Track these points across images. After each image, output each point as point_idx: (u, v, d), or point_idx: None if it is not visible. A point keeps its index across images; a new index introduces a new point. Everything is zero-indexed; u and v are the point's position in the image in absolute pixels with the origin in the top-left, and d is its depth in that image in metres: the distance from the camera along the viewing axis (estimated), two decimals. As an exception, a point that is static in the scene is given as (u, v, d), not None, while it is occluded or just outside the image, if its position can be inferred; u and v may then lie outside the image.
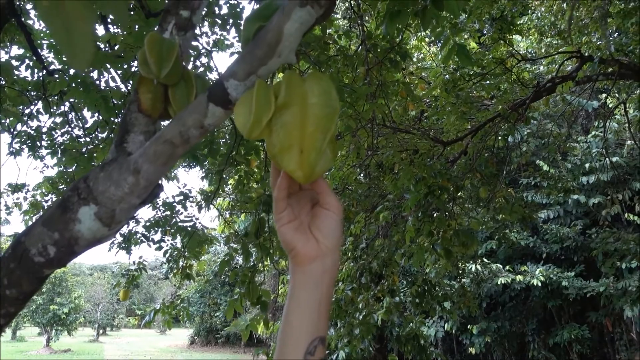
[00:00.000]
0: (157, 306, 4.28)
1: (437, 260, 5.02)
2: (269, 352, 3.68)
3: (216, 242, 5.56)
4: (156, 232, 5.29)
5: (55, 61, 3.51)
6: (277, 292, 5.36)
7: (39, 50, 3.31)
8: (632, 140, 8.68)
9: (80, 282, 36.20)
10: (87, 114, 4.22)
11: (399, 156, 4.49)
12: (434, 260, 5.07)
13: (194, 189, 5.33)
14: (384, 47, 3.40)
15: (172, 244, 5.28)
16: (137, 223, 5.31)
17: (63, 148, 4.26)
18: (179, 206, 5.00)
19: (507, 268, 10.34)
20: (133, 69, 2.97)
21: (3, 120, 3.87)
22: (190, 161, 4.49)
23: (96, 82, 2.98)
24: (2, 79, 3.22)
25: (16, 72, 3.45)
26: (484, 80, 5.10)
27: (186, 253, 4.86)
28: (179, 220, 4.96)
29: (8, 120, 3.91)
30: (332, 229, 0.68)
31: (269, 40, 0.60)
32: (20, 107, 3.78)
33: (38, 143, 4.40)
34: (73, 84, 2.74)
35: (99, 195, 0.69)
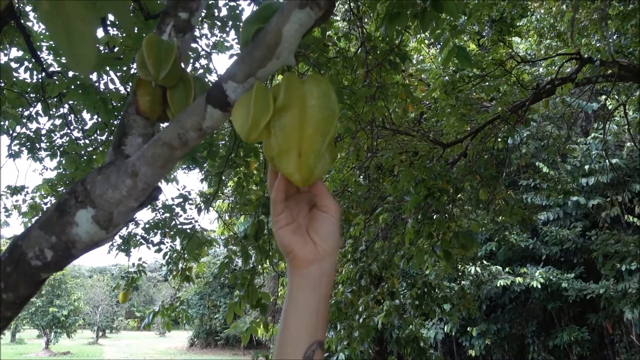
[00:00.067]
0: (156, 308, 4.27)
1: (437, 262, 5.01)
2: (269, 355, 3.67)
3: (215, 244, 5.55)
4: (155, 234, 5.28)
5: (55, 63, 3.51)
6: (277, 295, 5.35)
7: (38, 52, 3.31)
8: (632, 142, 8.68)
9: (80, 285, 36.18)
10: (87, 116, 4.22)
11: (398, 158, 4.49)
12: (434, 262, 5.07)
13: (193, 191, 5.32)
14: (383, 49, 3.39)
15: (172, 246, 5.27)
16: (137, 225, 5.30)
17: (62, 150, 4.26)
18: (178, 208, 4.99)
19: (507, 270, 10.32)
20: (132, 71, 2.97)
21: (2, 123, 3.87)
22: (189, 163, 4.48)
23: (95, 85, 2.97)
24: (2, 81, 3.22)
25: (15, 74, 3.45)
26: (483, 82, 5.10)
27: (186, 255, 4.85)
28: (178, 222, 4.95)
29: (7, 123, 3.91)
30: (330, 231, 0.68)
31: (268, 42, 0.60)
32: (20, 109, 3.78)
33: (37, 145, 4.39)
34: (72, 86, 2.74)
35: (97, 199, 0.68)
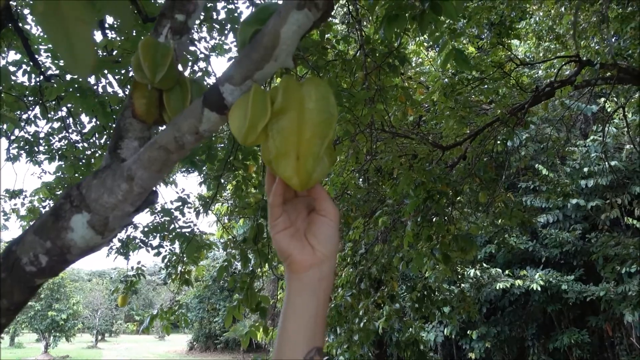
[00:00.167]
0: (155, 312, 4.25)
1: (436, 265, 5.00)
2: (268, 359, 3.65)
3: (215, 248, 5.54)
4: (155, 238, 5.27)
5: (52, 66, 3.50)
6: (276, 298, 5.33)
7: (36, 55, 3.30)
8: (631, 144, 8.68)
9: (79, 288, 36.14)
10: (85, 119, 4.21)
11: (398, 161, 4.48)
12: (433, 265, 5.06)
13: (192, 194, 5.32)
14: (382, 52, 3.39)
15: (171, 250, 5.26)
16: (136, 228, 5.29)
17: (61, 153, 4.25)
18: (177, 212, 4.98)
19: (507, 272, 10.31)
20: (130, 74, 2.96)
21: (1, 126, 3.86)
22: (188, 167, 4.48)
23: (93, 88, 2.96)
24: (0, 84, 3.21)
25: (13, 78, 3.44)
26: (482, 84, 5.10)
27: (185, 258, 4.84)
28: (177, 226, 4.94)
29: (5, 126, 3.90)
30: (329, 235, 0.67)
31: (265, 44, 0.59)
32: (18, 113, 3.77)
33: (36, 148, 4.39)
34: (70, 89, 2.73)
35: (92, 203, 0.67)
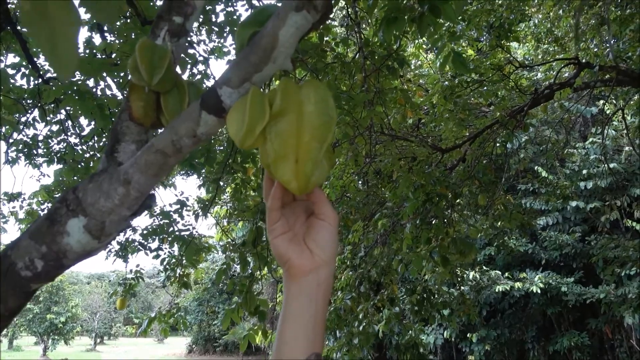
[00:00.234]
0: (154, 315, 4.24)
1: (435, 267, 4.99)
2: (267, 362, 3.64)
3: (214, 250, 5.53)
4: (153, 241, 5.26)
5: (51, 69, 3.50)
6: (275, 301, 5.32)
7: (35, 58, 3.30)
8: (630, 147, 8.68)
9: (78, 291, 36.09)
10: (84, 122, 4.20)
11: (397, 164, 4.48)
12: (432, 267, 5.04)
13: (191, 197, 5.31)
14: (381, 54, 3.39)
15: (170, 252, 5.25)
16: (134, 231, 5.28)
17: (59, 156, 4.24)
18: (175, 215, 4.97)
19: (506, 275, 10.30)
20: (129, 77, 2.95)
21: (-1, 129, 3.85)
22: (187, 169, 4.47)
23: (92, 90, 2.96)
24: (-2, 87, 3.20)
25: (12, 81, 3.44)
26: (481, 87, 5.10)
27: (184, 261, 4.83)
28: (176, 228, 4.93)
29: (4, 129, 3.89)
30: (328, 240, 0.66)
31: (263, 46, 0.58)
32: (16, 116, 3.76)
33: (34, 151, 4.38)
34: (69, 91, 2.72)
35: (88, 207, 0.67)
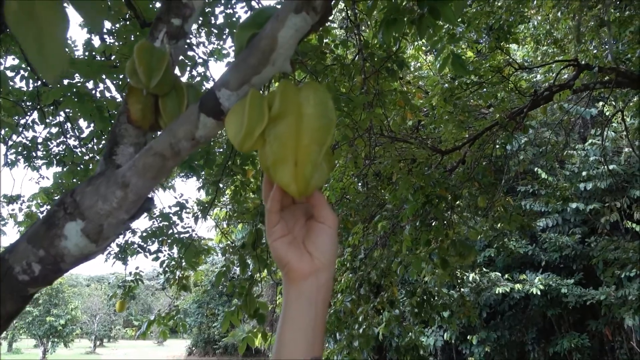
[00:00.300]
0: (153, 317, 4.23)
1: (435, 269, 4.98)
2: (267, 364, 3.63)
3: (213, 253, 5.52)
4: (153, 243, 5.25)
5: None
6: (275, 303, 5.31)
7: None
8: (630, 148, 8.68)
9: (77, 293, 36.05)
10: (83, 124, 4.20)
11: (397, 166, 4.47)
12: (431, 269, 5.04)
13: (190, 199, 5.30)
14: (380, 56, 3.39)
15: (169, 254, 5.24)
16: (134, 233, 5.27)
17: (59, 159, 4.23)
18: (175, 217, 4.97)
19: (506, 277, 10.30)
20: (129, 79, 2.95)
21: (-2, 131, 3.84)
22: (187, 171, 4.46)
23: (91, 92, 2.95)
24: (-3, 89, 3.20)
25: (11, 83, 3.43)
26: (481, 88, 5.10)
27: (183, 263, 4.82)
28: (175, 231, 4.93)
29: (3, 131, 3.88)
30: (327, 243, 0.66)
31: (262, 48, 0.58)
32: (16, 118, 3.76)
33: (34, 153, 4.37)
34: (68, 93, 2.72)
35: (86, 210, 0.66)
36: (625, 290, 9.04)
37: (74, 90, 2.70)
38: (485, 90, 5.14)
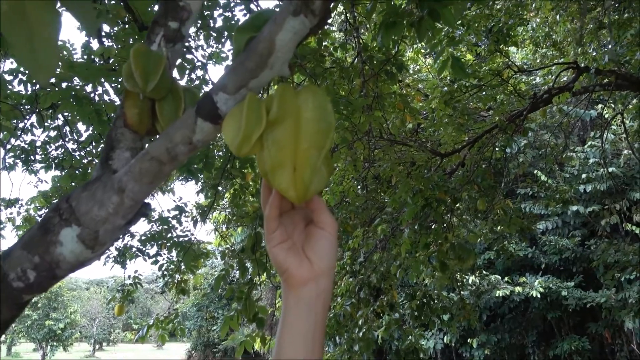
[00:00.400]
0: (151, 321, 4.22)
1: (434, 272, 4.96)
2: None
3: (212, 256, 5.51)
4: (152, 246, 5.24)
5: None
6: (275, 307, 5.30)
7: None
8: (630, 151, 8.69)
9: (77, 297, 35.97)
10: (82, 128, 4.19)
11: (396, 169, 4.47)
12: (431, 272, 5.02)
13: (189, 203, 5.29)
14: (380, 59, 3.38)
15: (169, 258, 5.23)
16: (132, 237, 5.26)
17: (57, 162, 4.22)
18: (174, 221, 4.95)
19: (506, 279, 10.28)
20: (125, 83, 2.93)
21: (-3, 135, 3.83)
22: (185, 175, 4.46)
23: (90, 96, 2.95)
24: (-4, 93, 3.19)
25: (9, 86, 3.42)
26: (480, 91, 5.09)
27: (183, 267, 4.81)
28: (174, 234, 4.92)
29: (1, 135, 3.88)
30: (327, 249, 0.65)
31: (260, 52, 0.57)
32: (14, 121, 3.75)
33: (32, 157, 4.36)
34: (67, 96, 2.71)
35: (82, 216, 0.65)
36: (626, 293, 9.02)
37: (72, 93, 2.69)
38: (484, 93, 5.13)
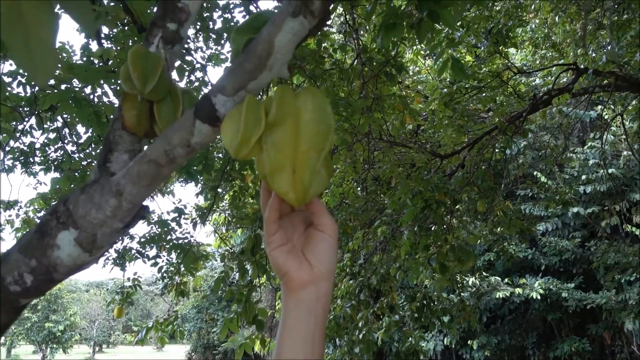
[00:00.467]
0: (151, 323, 4.21)
1: (434, 274, 4.96)
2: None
3: (212, 258, 5.50)
4: (151, 248, 5.23)
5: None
6: (275, 309, 5.29)
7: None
8: (630, 152, 8.68)
9: (76, 299, 35.94)
10: (81, 130, 4.19)
11: (396, 170, 4.46)
12: (430, 274, 5.02)
13: (189, 204, 5.29)
14: (379, 61, 3.38)
15: (168, 260, 5.22)
16: (132, 239, 5.25)
17: (56, 164, 4.22)
18: (173, 223, 4.95)
19: (506, 281, 10.27)
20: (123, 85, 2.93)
21: (-4, 137, 3.83)
22: (185, 177, 4.45)
23: (89, 97, 2.94)
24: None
25: (8, 88, 3.42)
26: (480, 93, 5.09)
27: (182, 268, 4.80)
28: (174, 237, 4.91)
29: (1, 137, 3.87)
30: (327, 252, 0.64)
31: (258, 53, 0.57)
32: (13, 123, 3.74)
33: (31, 159, 4.36)
34: (66, 98, 2.70)
35: (79, 219, 0.65)
36: (626, 294, 9.01)
37: (72, 95, 2.68)
38: (484, 94, 5.13)
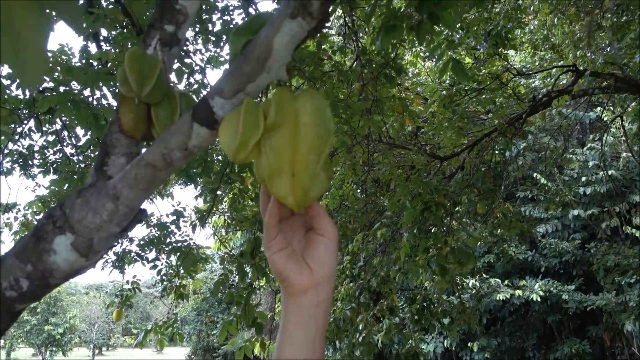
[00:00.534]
0: (150, 326, 4.20)
1: (434, 276, 4.95)
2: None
3: (211, 260, 5.49)
4: (150, 251, 5.22)
5: (46, 78, 3.47)
6: (274, 311, 5.28)
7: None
8: (630, 153, 8.68)
9: (76, 302, 35.91)
10: (80, 132, 4.18)
11: (395, 172, 4.45)
12: (430, 276, 5.01)
13: (188, 207, 5.28)
14: (379, 63, 3.37)
15: (167, 262, 5.21)
16: (131, 242, 5.24)
17: (55, 167, 4.21)
18: (172, 226, 4.94)
19: (506, 283, 10.26)
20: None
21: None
22: (184, 179, 4.44)
23: (88, 100, 2.93)
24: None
25: (7, 91, 3.41)
26: (479, 95, 5.09)
27: (181, 271, 4.79)
28: (173, 239, 4.90)
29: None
30: (327, 256, 0.63)
31: (257, 55, 0.56)
32: (12, 126, 3.73)
33: (30, 162, 4.35)
34: (64, 101, 2.70)
35: (76, 224, 0.64)
36: (626, 296, 9.00)
37: (70, 97, 2.68)
38: (484, 96, 5.13)
